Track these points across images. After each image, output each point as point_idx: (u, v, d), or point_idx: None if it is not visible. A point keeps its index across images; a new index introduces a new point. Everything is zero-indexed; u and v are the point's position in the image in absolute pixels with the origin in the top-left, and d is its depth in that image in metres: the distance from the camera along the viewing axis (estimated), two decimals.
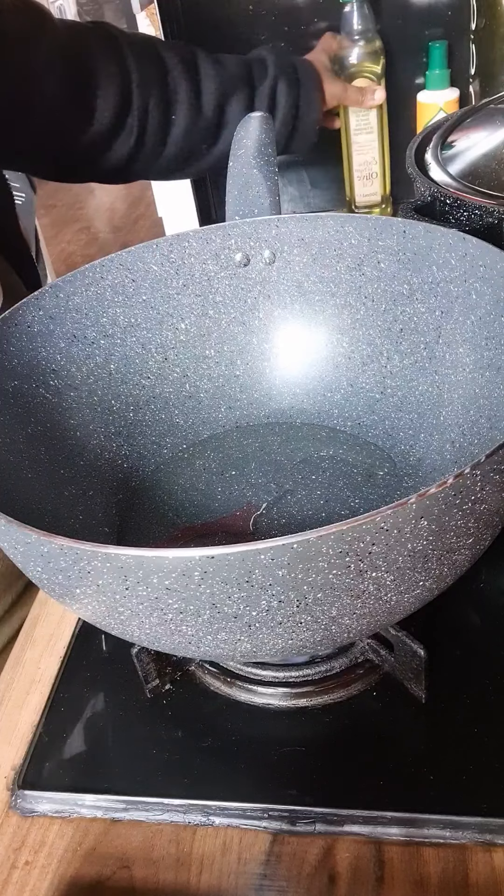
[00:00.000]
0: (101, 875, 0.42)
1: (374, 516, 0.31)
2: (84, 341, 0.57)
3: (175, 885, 0.41)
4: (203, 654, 0.41)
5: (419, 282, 0.55)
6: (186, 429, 0.62)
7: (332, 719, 0.47)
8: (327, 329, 0.61)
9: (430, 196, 0.59)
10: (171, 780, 0.45)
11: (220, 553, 0.31)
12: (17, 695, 0.52)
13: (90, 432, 0.57)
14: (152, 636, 0.38)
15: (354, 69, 0.90)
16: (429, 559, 0.35)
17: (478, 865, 0.40)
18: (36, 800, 0.46)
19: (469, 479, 0.33)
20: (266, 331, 0.62)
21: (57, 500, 0.52)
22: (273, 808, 0.43)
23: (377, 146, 0.95)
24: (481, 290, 0.50)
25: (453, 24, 0.92)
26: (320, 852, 0.42)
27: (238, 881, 0.41)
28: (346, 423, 0.61)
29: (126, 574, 0.33)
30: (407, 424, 0.57)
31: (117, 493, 0.57)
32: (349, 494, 0.55)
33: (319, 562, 0.32)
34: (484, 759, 0.43)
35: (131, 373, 0.59)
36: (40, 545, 0.34)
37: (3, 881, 0.43)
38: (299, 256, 0.60)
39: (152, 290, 0.59)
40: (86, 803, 0.45)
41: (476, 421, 0.51)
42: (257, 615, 0.35)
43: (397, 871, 0.40)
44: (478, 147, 0.64)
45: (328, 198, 1.06)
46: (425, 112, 0.94)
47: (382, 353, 0.58)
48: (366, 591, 0.35)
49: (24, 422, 0.52)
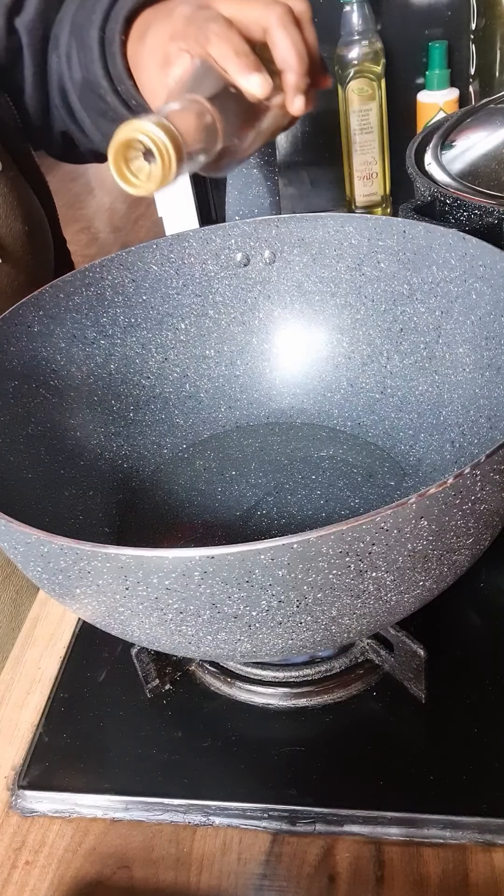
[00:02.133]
0: (101, 875, 0.42)
1: (374, 516, 0.31)
2: (84, 341, 0.57)
3: (175, 885, 0.41)
4: (203, 654, 0.41)
5: (419, 282, 0.55)
6: (186, 429, 0.62)
7: (332, 719, 0.47)
8: (327, 329, 0.61)
9: (430, 196, 0.59)
10: (171, 780, 0.45)
11: (220, 553, 0.31)
12: (17, 695, 0.52)
13: (90, 432, 0.57)
14: (152, 636, 0.38)
15: (355, 69, 0.90)
16: (429, 559, 0.35)
17: (478, 865, 0.40)
18: (36, 800, 0.46)
19: (469, 479, 0.33)
20: (266, 331, 0.62)
21: (57, 500, 0.52)
22: (273, 808, 0.43)
23: (377, 146, 0.95)
24: (481, 290, 0.50)
25: (453, 24, 0.92)
26: (320, 852, 0.42)
27: (238, 881, 0.41)
28: (346, 423, 0.61)
29: (126, 574, 0.33)
30: (407, 424, 0.57)
31: (117, 493, 0.57)
32: (349, 494, 0.55)
33: (319, 562, 0.32)
34: (484, 759, 0.43)
35: (131, 373, 0.59)
36: (40, 545, 0.34)
37: (3, 881, 0.43)
38: (299, 256, 0.60)
39: (152, 290, 0.59)
40: (86, 803, 0.45)
41: (476, 421, 0.51)
42: (257, 615, 0.35)
43: (397, 871, 0.40)
44: (478, 147, 0.64)
45: (328, 198, 1.06)
46: (425, 112, 0.94)
47: (382, 353, 0.58)
48: (366, 591, 0.35)
49: (24, 422, 0.52)
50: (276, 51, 0.48)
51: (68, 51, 0.65)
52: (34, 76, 0.67)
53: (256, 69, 0.46)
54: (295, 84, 0.48)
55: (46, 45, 0.67)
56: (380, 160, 0.96)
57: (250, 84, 0.46)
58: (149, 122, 0.40)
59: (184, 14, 0.50)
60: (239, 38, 0.47)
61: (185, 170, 0.43)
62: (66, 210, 2.88)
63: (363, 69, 0.90)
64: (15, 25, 0.66)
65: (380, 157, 0.96)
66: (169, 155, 0.40)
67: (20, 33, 0.66)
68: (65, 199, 2.98)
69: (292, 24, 0.48)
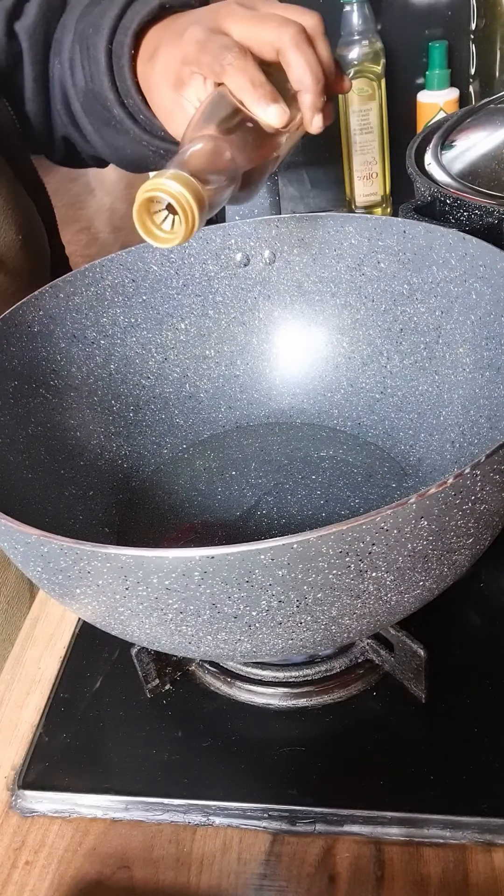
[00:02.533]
0: (101, 875, 0.42)
1: (374, 516, 0.31)
2: (84, 341, 0.57)
3: (175, 885, 0.41)
4: (203, 654, 0.41)
5: (419, 282, 0.55)
6: (186, 429, 0.62)
7: (332, 719, 0.47)
8: (327, 329, 0.61)
9: (430, 196, 0.59)
10: (171, 780, 0.45)
11: (220, 553, 0.31)
12: (17, 695, 0.52)
13: (90, 432, 0.57)
14: (152, 636, 0.38)
15: (355, 69, 0.90)
16: (429, 559, 0.35)
17: (478, 865, 0.40)
18: (36, 800, 0.46)
19: (469, 479, 0.33)
20: (266, 331, 0.62)
21: (57, 500, 0.52)
22: (273, 808, 0.43)
23: (377, 146, 0.95)
24: (481, 290, 0.50)
25: (453, 24, 0.92)
26: (320, 852, 0.42)
27: (238, 881, 0.41)
28: (346, 423, 0.61)
29: (126, 574, 0.33)
30: (407, 424, 0.57)
31: (117, 493, 0.57)
32: (349, 494, 0.55)
33: (319, 562, 0.32)
34: (484, 759, 0.43)
35: (131, 373, 0.59)
36: (40, 545, 0.34)
37: (3, 881, 0.43)
38: (299, 256, 0.60)
39: (152, 290, 0.59)
40: (86, 803, 0.45)
41: (476, 421, 0.51)
42: (257, 615, 0.35)
43: (397, 871, 0.40)
44: (478, 147, 0.64)
45: (328, 198, 1.06)
46: (425, 112, 0.94)
47: (382, 353, 0.58)
48: (366, 591, 0.35)
49: (24, 422, 0.52)
50: (292, 72, 0.47)
51: (72, 57, 0.64)
52: (34, 81, 0.67)
53: (273, 100, 0.46)
54: (312, 104, 0.48)
55: (48, 50, 0.67)
56: (380, 160, 0.96)
57: (268, 116, 0.46)
58: (170, 180, 0.40)
59: (196, 38, 0.49)
60: (254, 68, 0.46)
61: (207, 216, 0.43)
62: (66, 210, 2.88)
63: (363, 69, 0.90)
64: (15, 30, 0.65)
65: (380, 157, 0.96)
66: (192, 208, 0.40)
67: (20, 38, 0.66)
68: (65, 199, 2.97)
69: (305, 44, 0.47)
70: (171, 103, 0.54)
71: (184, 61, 0.51)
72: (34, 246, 0.68)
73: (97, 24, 0.60)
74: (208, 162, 0.42)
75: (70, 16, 0.65)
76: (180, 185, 0.40)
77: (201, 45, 0.48)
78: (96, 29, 0.60)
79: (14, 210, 0.65)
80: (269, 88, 0.46)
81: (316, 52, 0.47)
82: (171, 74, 0.53)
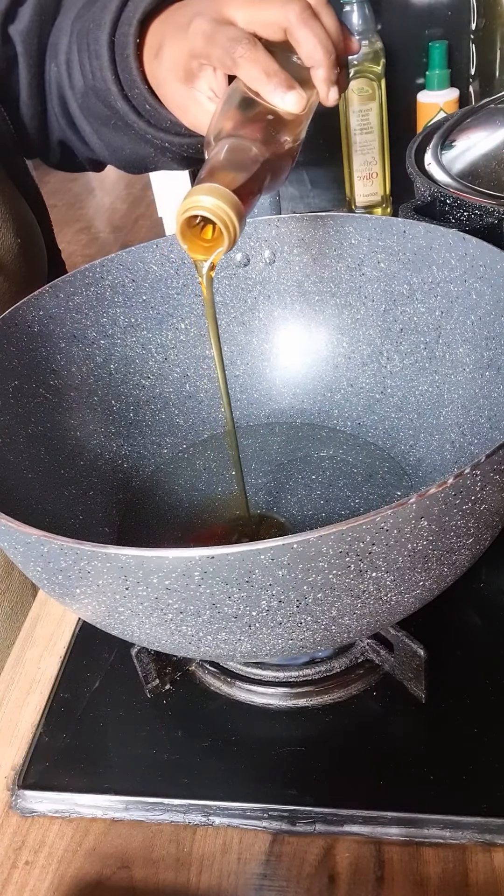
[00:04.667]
0: (101, 875, 0.42)
1: (374, 516, 0.31)
2: (84, 341, 0.57)
3: (175, 885, 0.41)
4: (203, 654, 0.41)
5: (419, 282, 0.55)
6: (186, 429, 0.62)
7: (332, 719, 0.47)
8: (327, 329, 0.61)
9: (430, 196, 0.59)
10: (171, 780, 0.45)
11: (220, 553, 0.31)
12: (17, 695, 0.52)
13: (90, 432, 0.57)
14: (152, 636, 0.38)
15: (355, 69, 0.90)
16: (429, 559, 0.35)
17: (478, 865, 0.40)
18: (36, 800, 0.46)
19: (469, 479, 0.33)
20: (266, 331, 0.62)
21: (57, 500, 0.52)
22: (273, 808, 0.43)
23: (377, 146, 0.95)
24: (481, 290, 0.50)
25: (453, 24, 0.92)
26: (320, 852, 0.42)
27: (238, 881, 0.41)
28: (346, 423, 0.61)
29: (126, 574, 0.33)
30: (407, 424, 0.57)
31: (117, 493, 0.57)
32: (349, 494, 0.55)
33: (319, 562, 0.32)
34: (484, 759, 0.43)
35: (131, 373, 0.59)
36: (40, 545, 0.34)
37: (3, 881, 0.43)
38: (299, 256, 0.60)
39: (152, 290, 0.59)
40: (86, 803, 0.45)
41: (476, 421, 0.51)
42: (257, 615, 0.35)
43: (397, 871, 0.40)
44: (478, 147, 0.64)
45: (328, 198, 1.06)
46: (425, 112, 0.94)
47: (382, 353, 0.58)
48: (366, 591, 0.35)
49: (24, 422, 0.52)
50: (302, 49, 0.46)
51: (69, 59, 0.64)
52: (30, 85, 0.67)
53: (290, 87, 0.45)
54: (326, 77, 0.47)
55: (43, 53, 0.67)
56: (380, 160, 0.97)
57: (286, 104, 0.45)
58: (204, 195, 0.40)
59: (202, 31, 0.48)
60: (266, 57, 0.46)
61: (246, 217, 0.43)
62: (66, 210, 2.88)
63: (363, 69, 0.91)
64: (9, 34, 0.65)
65: (380, 157, 0.96)
66: (230, 217, 0.40)
67: (15, 42, 0.65)
68: (65, 199, 2.97)
69: (312, 19, 0.46)
70: (184, 97, 0.53)
71: (192, 55, 0.50)
72: (32, 249, 0.68)
73: (98, 18, 0.60)
74: (236, 165, 0.42)
75: (65, 18, 0.65)
76: (214, 198, 0.40)
77: (209, 37, 0.48)
78: (97, 23, 0.60)
79: (12, 214, 0.65)
80: (284, 76, 0.45)
81: (322, 24, 0.47)
82: (179, 69, 0.52)
